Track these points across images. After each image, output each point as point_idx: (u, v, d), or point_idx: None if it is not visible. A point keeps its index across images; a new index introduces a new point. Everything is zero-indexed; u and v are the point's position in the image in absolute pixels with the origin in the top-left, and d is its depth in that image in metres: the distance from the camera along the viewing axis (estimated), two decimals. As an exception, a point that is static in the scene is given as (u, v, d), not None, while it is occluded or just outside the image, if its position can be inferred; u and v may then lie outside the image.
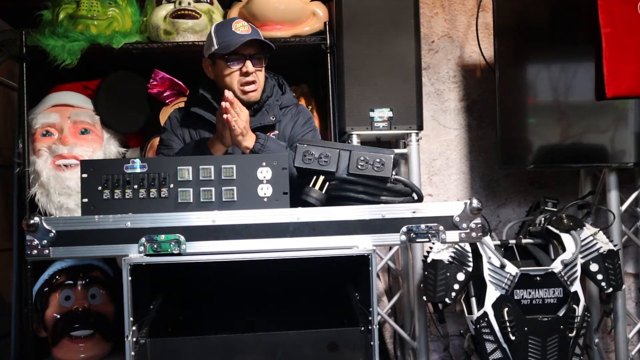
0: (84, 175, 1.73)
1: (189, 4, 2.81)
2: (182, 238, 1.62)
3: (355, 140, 2.82)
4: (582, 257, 2.73)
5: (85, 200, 1.72)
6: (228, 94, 2.03)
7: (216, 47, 2.19)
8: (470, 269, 2.66)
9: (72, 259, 2.71)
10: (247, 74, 2.18)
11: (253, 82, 2.20)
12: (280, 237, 1.64)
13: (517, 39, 3.11)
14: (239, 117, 2.04)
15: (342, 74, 2.80)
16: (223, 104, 2.01)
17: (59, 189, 2.66)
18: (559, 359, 2.59)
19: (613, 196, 3.10)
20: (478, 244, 2.67)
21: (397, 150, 2.95)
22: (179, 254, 1.62)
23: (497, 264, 2.63)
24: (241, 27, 2.19)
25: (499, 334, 2.58)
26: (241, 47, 2.16)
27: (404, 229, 1.67)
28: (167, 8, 2.83)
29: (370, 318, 1.64)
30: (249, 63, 2.17)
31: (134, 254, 1.61)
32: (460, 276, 2.64)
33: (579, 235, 2.74)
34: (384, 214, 1.66)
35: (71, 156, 2.69)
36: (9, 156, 3.03)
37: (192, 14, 2.81)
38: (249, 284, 2.02)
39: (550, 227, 2.81)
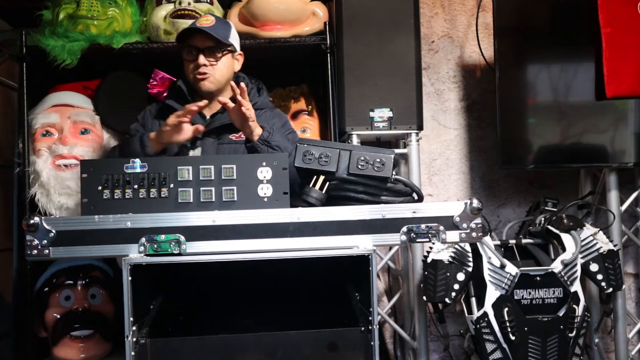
0: (84, 175, 1.74)
1: (189, 4, 2.81)
2: (182, 238, 1.62)
3: (355, 140, 2.82)
4: (582, 257, 2.73)
5: (85, 200, 1.72)
6: (233, 85, 2.07)
7: None
8: (470, 269, 2.66)
9: (72, 259, 2.71)
10: (197, 66, 2.23)
11: (205, 74, 2.23)
12: (281, 237, 1.64)
13: (517, 39, 3.11)
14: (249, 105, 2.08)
15: (342, 74, 2.80)
16: (235, 88, 2.05)
17: (59, 189, 2.66)
18: (559, 359, 2.59)
19: (613, 196, 3.10)
20: (478, 244, 2.67)
21: (397, 150, 2.95)
22: (179, 254, 1.62)
23: (497, 264, 2.63)
24: (204, 21, 2.24)
25: (499, 334, 2.58)
26: (195, 39, 2.22)
27: (404, 229, 1.67)
28: (167, 8, 2.82)
29: (370, 318, 1.64)
30: (200, 56, 2.22)
31: (134, 254, 1.61)
32: (460, 276, 2.64)
33: (579, 235, 2.74)
34: (384, 214, 1.67)
35: (71, 156, 2.69)
36: (9, 156, 3.02)
37: (192, 14, 2.81)
38: (249, 284, 2.02)
39: (550, 227, 2.81)
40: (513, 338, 2.54)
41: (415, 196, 1.85)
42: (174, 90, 2.35)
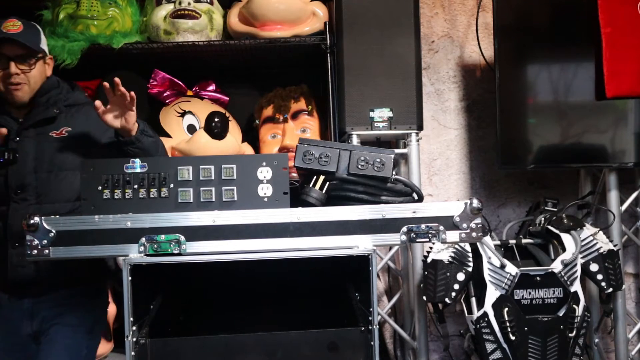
0: (84, 175, 1.74)
1: (189, 4, 2.81)
2: (182, 238, 1.62)
3: (355, 140, 2.82)
4: (582, 257, 2.73)
5: (85, 200, 1.72)
6: (106, 85, 2.02)
7: None
8: (470, 269, 2.66)
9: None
10: (9, 75, 2.10)
11: (18, 83, 2.12)
12: (281, 237, 1.64)
13: (517, 39, 3.11)
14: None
15: (342, 74, 2.80)
16: (109, 91, 2.02)
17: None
18: (559, 359, 2.59)
19: (613, 196, 3.10)
20: (478, 244, 2.67)
21: (397, 150, 2.95)
22: (179, 254, 1.62)
23: (497, 264, 2.63)
24: (10, 27, 2.12)
25: (499, 334, 2.58)
26: (5, 48, 2.10)
27: (404, 229, 1.67)
28: (167, 8, 2.83)
29: (370, 318, 1.64)
30: (12, 64, 2.10)
31: (134, 254, 1.61)
32: (460, 276, 2.64)
33: (579, 235, 2.74)
34: (384, 214, 1.66)
35: (71, 156, 2.69)
36: (9, 156, 3.02)
37: (192, 14, 2.81)
38: (249, 283, 2.02)
39: (550, 227, 2.81)
40: (513, 338, 2.54)
41: (415, 196, 1.84)
42: None
